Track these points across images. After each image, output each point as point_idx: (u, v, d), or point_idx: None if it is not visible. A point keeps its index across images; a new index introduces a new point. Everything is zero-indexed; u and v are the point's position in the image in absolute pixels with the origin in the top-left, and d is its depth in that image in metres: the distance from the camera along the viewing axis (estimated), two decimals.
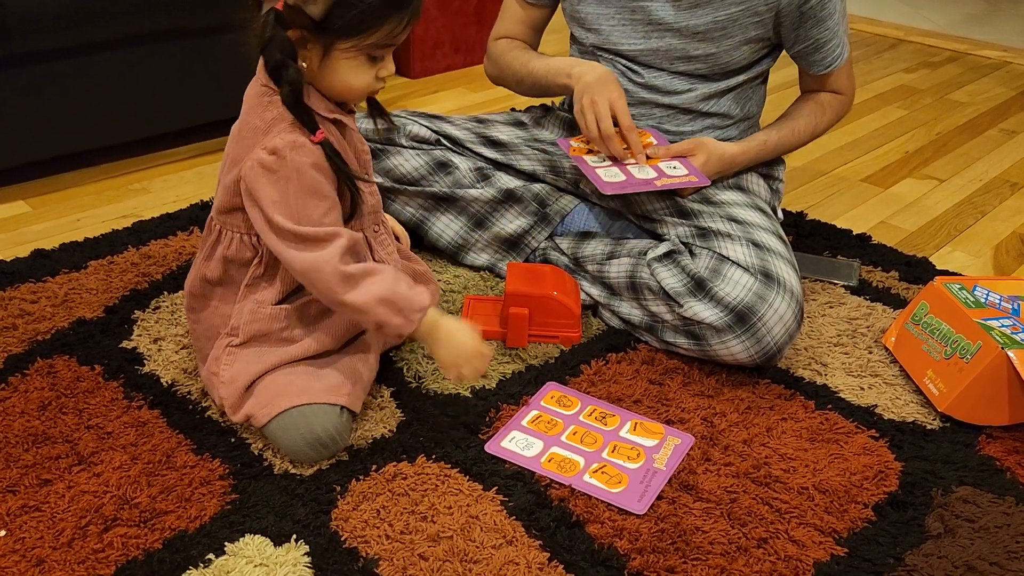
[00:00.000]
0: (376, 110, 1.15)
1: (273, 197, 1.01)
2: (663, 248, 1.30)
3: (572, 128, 1.53)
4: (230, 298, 1.12)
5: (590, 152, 1.39)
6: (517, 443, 1.13)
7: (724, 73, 1.40)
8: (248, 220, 1.05)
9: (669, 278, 1.26)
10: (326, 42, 0.98)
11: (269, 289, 1.10)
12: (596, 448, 1.13)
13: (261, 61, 1.02)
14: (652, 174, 1.34)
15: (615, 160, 1.37)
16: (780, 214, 1.55)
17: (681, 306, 1.24)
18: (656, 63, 1.40)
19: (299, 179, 1.00)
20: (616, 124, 1.33)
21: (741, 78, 1.41)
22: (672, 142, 1.44)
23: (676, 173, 1.34)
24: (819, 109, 1.47)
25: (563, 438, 1.14)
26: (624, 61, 1.43)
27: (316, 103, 1.03)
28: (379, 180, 1.47)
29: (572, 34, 1.51)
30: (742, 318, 1.20)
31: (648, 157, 1.37)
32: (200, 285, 1.14)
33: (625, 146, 1.35)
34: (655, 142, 1.41)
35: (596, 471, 1.09)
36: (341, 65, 1.00)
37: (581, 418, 1.18)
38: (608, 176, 1.34)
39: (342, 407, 1.09)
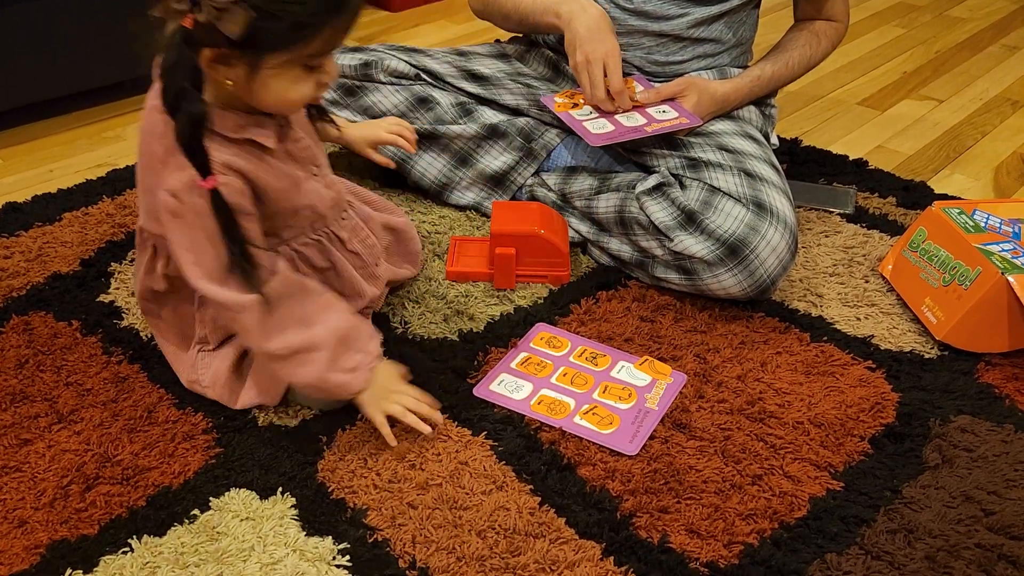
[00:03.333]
0: (315, 111, 1.05)
1: (183, 244, 0.91)
2: (652, 181, 1.25)
3: (556, 67, 1.47)
4: (188, 298, 1.05)
5: (575, 106, 1.35)
6: (506, 386, 1.10)
7: None
8: None
9: (659, 212, 1.22)
10: (252, 59, 0.84)
11: None
12: (587, 389, 1.10)
13: (158, 77, 0.87)
14: (641, 120, 1.30)
15: (602, 111, 1.32)
16: (775, 139, 1.50)
17: (671, 240, 1.20)
18: None
19: (203, 224, 0.89)
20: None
21: (735, 2, 1.35)
22: (662, 72, 1.38)
23: (666, 117, 1.30)
24: (814, 39, 1.41)
25: (553, 380, 1.12)
26: None
27: (224, 122, 0.90)
28: (358, 118, 1.42)
29: None
30: (734, 251, 1.16)
31: (636, 103, 1.32)
32: (151, 294, 1.07)
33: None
34: (640, 88, 1.36)
35: (587, 413, 1.07)
36: (273, 80, 0.86)
37: (571, 359, 1.15)
38: (596, 128, 1.30)
39: None
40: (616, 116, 1.31)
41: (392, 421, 1.00)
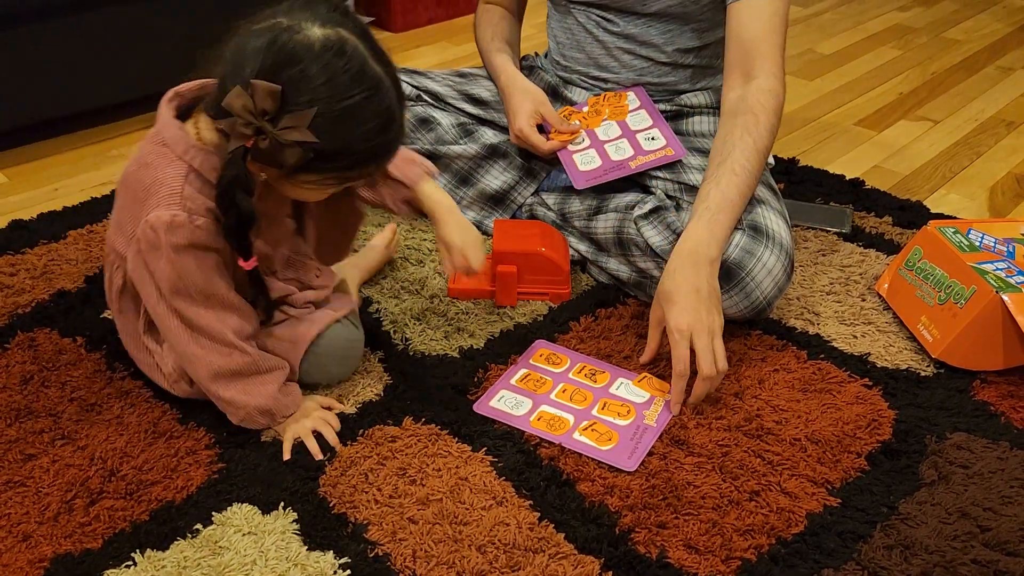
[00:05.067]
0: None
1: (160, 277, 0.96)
2: (649, 204, 1.26)
3: (555, 91, 1.49)
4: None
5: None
6: (506, 402, 1.11)
7: (697, 21, 1.35)
8: None
9: (655, 236, 1.23)
10: (292, 174, 0.91)
11: None
12: (586, 406, 1.11)
13: (167, 122, 0.97)
14: (629, 152, 1.33)
15: (594, 138, 1.37)
16: (771, 160, 1.52)
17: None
18: (629, 6, 1.35)
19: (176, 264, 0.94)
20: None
21: (721, 33, 1.37)
22: (653, 96, 1.40)
23: (653, 146, 1.32)
24: (749, 121, 1.18)
25: (552, 396, 1.13)
26: (597, 11, 1.38)
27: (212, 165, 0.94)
28: None
29: None
30: (730, 274, 1.17)
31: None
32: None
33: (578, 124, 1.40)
34: (638, 102, 1.38)
35: (586, 429, 1.08)
36: (302, 188, 0.94)
37: (571, 375, 1.16)
38: (585, 162, 1.35)
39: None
40: (605, 147, 1.34)
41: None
